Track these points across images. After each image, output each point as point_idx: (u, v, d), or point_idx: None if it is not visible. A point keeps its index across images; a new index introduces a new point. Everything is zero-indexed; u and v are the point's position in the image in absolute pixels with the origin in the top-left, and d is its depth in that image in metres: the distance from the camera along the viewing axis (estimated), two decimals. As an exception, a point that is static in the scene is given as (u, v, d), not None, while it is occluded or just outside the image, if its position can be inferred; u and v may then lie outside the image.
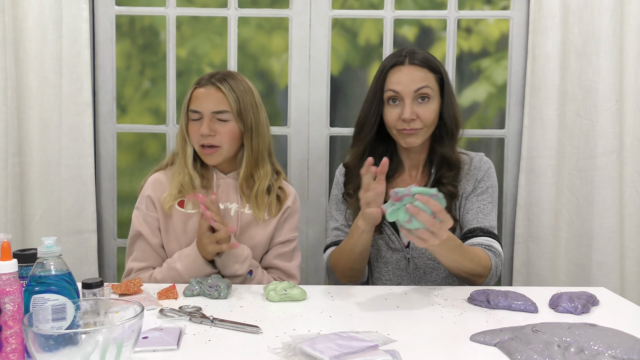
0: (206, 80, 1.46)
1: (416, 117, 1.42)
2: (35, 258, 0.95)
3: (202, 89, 1.45)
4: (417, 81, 1.42)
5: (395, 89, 1.43)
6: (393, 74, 1.45)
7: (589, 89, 1.83)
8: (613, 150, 1.83)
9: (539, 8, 1.87)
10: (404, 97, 1.42)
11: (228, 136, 1.44)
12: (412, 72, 1.43)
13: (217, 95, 1.43)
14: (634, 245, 1.87)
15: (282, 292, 1.22)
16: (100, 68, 1.99)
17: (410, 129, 1.43)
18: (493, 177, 1.52)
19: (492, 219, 1.48)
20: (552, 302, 1.18)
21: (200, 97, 1.44)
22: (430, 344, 0.97)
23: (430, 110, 1.43)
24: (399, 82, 1.43)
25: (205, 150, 1.44)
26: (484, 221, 1.47)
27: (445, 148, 1.48)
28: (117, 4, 1.99)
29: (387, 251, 1.50)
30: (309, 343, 0.90)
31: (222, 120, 1.43)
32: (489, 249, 1.41)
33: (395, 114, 1.44)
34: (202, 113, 1.43)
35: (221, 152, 1.45)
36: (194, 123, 1.45)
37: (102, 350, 0.76)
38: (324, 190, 2.03)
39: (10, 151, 1.76)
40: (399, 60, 1.45)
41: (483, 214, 1.47)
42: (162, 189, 1.48)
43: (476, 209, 1.48)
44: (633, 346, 0.89)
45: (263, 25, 2.02)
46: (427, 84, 1.43)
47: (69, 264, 0.96)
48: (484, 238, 1.44)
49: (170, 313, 1.10)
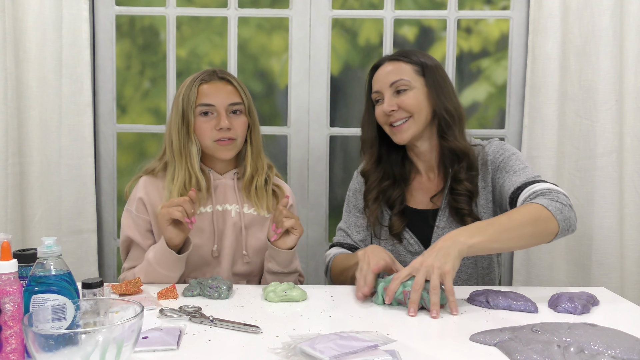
0: (210, 76, 1.45)
1: (397, 108, 1.42)
2: (35, 258, 0.95)
3: (208, 84, 1.44)
4: (391, 74, 1.44)
5: (376, 88, 1.46)
6: (375, 76, 1.48)
7: (589, 89, 1.84)
8: (613, 150, 1.83)
9: (539, 8, 1.87)
10: (383, 93, 1.44)
11: (242, 129, 1.45)
12: (387, 68, 1.45)
13: (229, 88, 1.45)
14: (634, 245, 1.87)
15: (281, 294, 1.21)
16: (100, 68, 1.99)
17: (397, 121, 1.42)
18: (511, 149, 1.43)
19: (529, 173, 1.34)
20: (551, 302, 1.18)
21: (211, 92, 1.42)
22: (430, 344, 0.97)
23: (409, 97, 1.42)
24: (377, 80, 1.46)
25: (222, 143, 1.42)
26: (519, 180, 1.32)
27: (450, 141, 1.44)
28: (117, 4, 1.99)
29: (407, 255, 1.48)
30: (309, 343, 0.90)
31: (236, 113, 1.44)
32: (534, 194, 1.25)
33: (379, 110, 1.46)
34: (216, 106, 1.42)
35: (235, 145, 1.45)
36: (205, 119, 1.42)
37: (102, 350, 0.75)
38: (323, 190, 2.03)
39: (10, 151, 1.76)
40: (379, 61, 1.49)
41: (517, 176, 1.34)
42: (155, 192, 1.45)
43: (507, 177, 1.36)
44: (633, 346, 0.89)
45: (263, 25, 2.02)
46: (402, 76, 1.43)
47: (69, 264, 0.96)
48: (526, 190, 1.28)
49: (170, 313, 1.10)
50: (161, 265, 1.33)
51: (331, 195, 2.05)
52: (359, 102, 2.06)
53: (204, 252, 1.45)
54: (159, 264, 1.33)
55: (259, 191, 1.49)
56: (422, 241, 1.47)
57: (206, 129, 1.42)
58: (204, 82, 1.44)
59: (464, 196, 1.42)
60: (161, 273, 1.34)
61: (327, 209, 2.04)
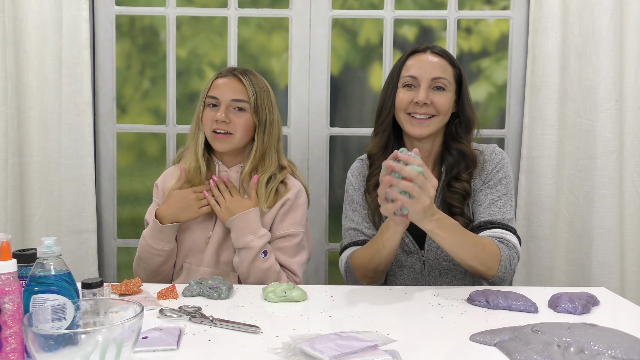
0: (227, 72, 1.53)
1: (430, 103, 1.40)
2: (35, 258, 0.95)
3: (223, 79, 1.52)
4: (436, 69, 1.42)
5: (413, 73, 1.42)
6: (412, 60, 1.45)
7: (589, 89, 1.83)
8: (613, 150, 1.83)
9: (539, 8, 1.87)
10: (420, 82, 1.41)
11: (242, 126, 1.49)
12: (433, 60, 1.43)
13: (237, 85, 1.50)
14: (634, 245, 1.87)
15: (281, 294, 1.21)
16: (100, 68, 1.99)
17: (422, 114, 1.41)
18: (507, 168, 1.46)
19: (507, 211, 1.40)
20: (551, 302, 1.18)
21: (220, 86, 1.50)
22: (430, 344, 0.97)
23: (445, 99, 1.41)
24: (418, 66, 1.43)
25: (217, 135, 1.49)
26: (497, 214, 1.39)
27: (463, 144, 1.45)
28: (117, 4, 1.99)
29: (402, 254, 1.48)
30: (309, 343, 0.90)
31: (239, 110, 1.49)
32: (500, 240, 1.34)
33: (408, 96, 1.42)
34: (220, 100, 1.49)
35: (232, 140, 1.49)
36: (210, 110, 1.50)
37: (102, 350, 0.75)
38: (323, 190, 2.03)
39: (10, 151, 1.76)
40: (420, 48, 1.46)
41: (496, 207, 1.40)
42: (170, 178, 1.59)
43: (489, 201, 1.41)
44: (633, 346, 0.89)
45: (263, 25, 2.02)
46: (445, 75, 1.42)
47: (69, 264, 0.96)
48: (495, 230, 1.37)
49: (170, 313, 1.10)
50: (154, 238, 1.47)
51: (331, 195, 2.05)
52: (359, 102, 2.06)
53: (199, 238, 1.52)
54: (152, 237, 1.47)
55: (258, 188, 1.50)
56: (416, 241, 1.47)
57: (208, 118, 1.50)
58: (221, 76, 1.53)
59: (459, 195, 1.42)
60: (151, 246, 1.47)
61: (327, 209, 2.04)
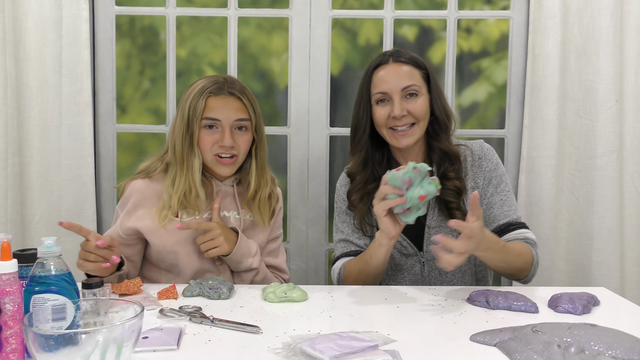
0: (218, 89, 1.40)
1: (407, 113, 1.41)
2: (35, 258, 0.95)
3: (218, 98, 1.40)
4: (403, 78, 1.41)
5: (383, 89, 1.42)
6: (378, 74, 1.44)
7: (589, 89, 1.84)
8: (613, 150, 1.83)
9: (539, 8, 1.87)
10: (392, 96, 1.41)
11: (245, 145, 1.43)
12: (398, 70, 1.42)
13: (236, 104, 1.41)
14: (634, 245, 1.87)
15: (281, 295, 1.21)
16: (100, 68, 1.99)
17: (402, 126, 1.41)
18: (500, 162, 1.50)
19: (517, 208, 1.47)
20: (552, 302, 1.18)
21: (218, 106, 1.39)
22: (430, 344, 0.97)
23: (419, 105, 1.41)
24: (385, 80, 1.42)
25: (223, 160, 1.40)
26: (512, 213, 1.45)
27: (442, 142, 1.46)
28: (117, 4, 1.99)
29: (401, 257, 1.48)
30: (309, 343, 0.90)
31: (239, 129, 1.42)
32: (527, 241, 1.40)
33: (384, 112, 1.42)
34: (222, 122, 1.39)
35: (237, 163, 1.43)
36: (208, 132, 1.39)
37: (102, 350, 0.75)
38: (323, 190, 2.03)
39: (10, 151, 1.76)
40: (383, 60, 1.45)
41: (507, 206, 1.45)
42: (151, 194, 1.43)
43: (500, 202, 1.45)
44: (633, 346, 0.89)
45: (263, 25, 2.02)
46: (413, 81, 1.41)
47: (69, 264, 0.96)
48: (517, 232, 1.42)
49: (170, 313, 1.10)
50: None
51: (331, 195, 2.04)
52: (359, 102, 2.06)
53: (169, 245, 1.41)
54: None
55: (262, 205, 1.48)
56: (414, 242, 1.47)
57: (208, 142, 1.39)
58: (213, 94, 1.39)
59: (452, 191, 1.43)
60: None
61: (327, 209, 2.04)
